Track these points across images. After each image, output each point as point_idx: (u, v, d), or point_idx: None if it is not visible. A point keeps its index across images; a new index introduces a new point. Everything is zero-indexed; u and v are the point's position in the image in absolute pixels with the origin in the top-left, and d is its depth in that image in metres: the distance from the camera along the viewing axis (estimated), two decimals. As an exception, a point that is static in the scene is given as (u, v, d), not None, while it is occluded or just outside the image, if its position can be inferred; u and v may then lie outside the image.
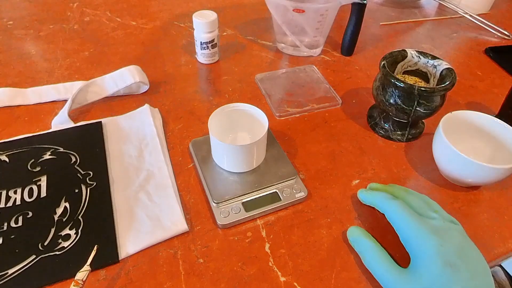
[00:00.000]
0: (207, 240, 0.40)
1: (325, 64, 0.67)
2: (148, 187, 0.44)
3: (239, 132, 0.48)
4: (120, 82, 0.55)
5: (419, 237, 0.34)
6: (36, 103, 0.55)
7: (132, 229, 0.40)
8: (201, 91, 0.60)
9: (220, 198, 0.42)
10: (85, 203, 0.41)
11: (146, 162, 0.47)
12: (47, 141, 0.48)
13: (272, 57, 0.68)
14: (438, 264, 0.32)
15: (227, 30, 0.74)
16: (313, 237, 0.41)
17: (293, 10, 0.60)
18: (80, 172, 0.45)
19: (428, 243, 0.34)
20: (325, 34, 0.67)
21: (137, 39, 0.71)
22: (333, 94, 0.59)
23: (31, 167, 0.45)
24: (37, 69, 0.62)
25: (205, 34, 0.61)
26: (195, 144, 0.48)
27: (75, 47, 0.68)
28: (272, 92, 0.59)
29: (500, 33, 0.77)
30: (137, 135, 0.50)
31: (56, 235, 0.38)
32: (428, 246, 0.33)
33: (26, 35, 0.70)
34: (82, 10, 0.78)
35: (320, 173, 0.48)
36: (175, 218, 0.41)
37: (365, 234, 0.39)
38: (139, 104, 0.55)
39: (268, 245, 0.40)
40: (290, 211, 0.43)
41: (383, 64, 0.49)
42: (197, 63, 0.65)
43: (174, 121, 0.54)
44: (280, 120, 0.55)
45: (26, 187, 0.43)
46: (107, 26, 0.74)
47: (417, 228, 0.35)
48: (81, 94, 0.54)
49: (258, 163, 0.46)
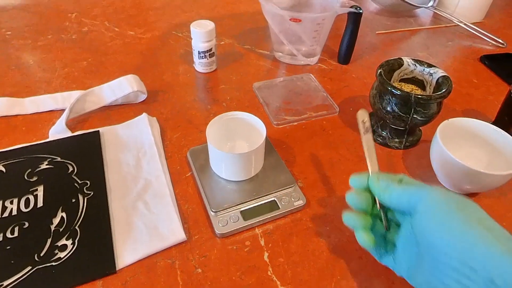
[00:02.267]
0: (205, 250, 0.40)
1: (322, 72, 0.68)
2: (146, 196, 0.44)
3: (237, 140, 0.48)
4: (118, 91, 0.55)
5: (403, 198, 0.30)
6: (34, 113, 0.55)
7: (129, 239, 0.39)
8: (199, 100, 0.60)
9: (218, 206, 0.42)
10: (82, 212, 0.41)
11: (144, 171, 0.47)
12: (44, 151, 0.48)
13: (269, 66, 0.69)
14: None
15: (224, 39, 0.75)
16: (312, 245, 0.41)
17: (290, 19, 0.61)
18: (77, 181, 0.44)
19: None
20: (322, 43, 0.68)
21: (135, 48, 0.71)
22: (330, 102, 0.60)
23: (28, 177, 0.44)
24: (35, 79, 0.62)
25: (203, 43, 0.61)
26: (193, 153, 0.48)
27: (73, 56, 0.68)
28: (270, 101, 0.59)
29: (494, 41, 0.78)
30: (135, 144, 0.50)
31: (52, 245, 0.38)
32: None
33: (24, 45, 0.70)
34: (80, 20, 0.79)
35: (319, 181, 0.48)
36: (173, 227, 0.41)
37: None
38: (137, 113, 0.55)
39: (267, 254, 0.40)
40: (289, 220, 0.43)
41: (380, 72, 0.49)
42: (195, 72, 0.66)
43: (172, 130, 0.54)
44: (278, 128, 0.55)
45: (22, 197, 0.42)
46: (106, 36, 0.74)
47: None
48: (79, 103, 0.54)
49: (256, 172, 0.46)
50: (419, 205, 0.28)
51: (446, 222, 0.26)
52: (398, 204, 0.30)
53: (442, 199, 0.27)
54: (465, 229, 0.25)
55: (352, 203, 0.34)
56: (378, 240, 0.34)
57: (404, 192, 0.30)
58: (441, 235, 0.26)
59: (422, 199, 0.28)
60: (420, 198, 0.28)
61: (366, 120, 0.37)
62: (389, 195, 0.31)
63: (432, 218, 0.27)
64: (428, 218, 0.27)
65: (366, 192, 0.34)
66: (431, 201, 0.28)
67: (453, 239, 0.25)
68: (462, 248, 0.25)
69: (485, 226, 0.25)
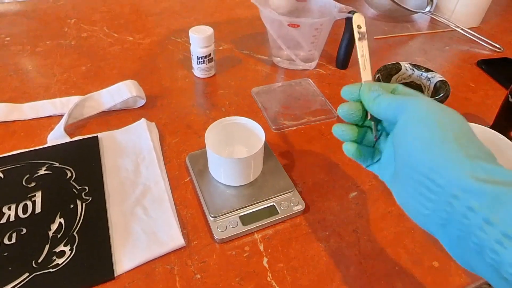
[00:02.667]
0: (204, 255, 0.39)
1: (320, 77, 0.68)
2: (145, 202, 0.44)
3: (236, 145, 0.48)
4: (117, 96, 0.56)
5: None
6: (32, 118, 0.55)
7: (128, 245, 0.39)
8: (198, 105, 0.60)
9: (217, 212, 0.42)
10: (80, 218, 0.41)
11: (143, 177, 0.46)
12: (42, 156, 0.48)
13: (268, 71, 0.69)
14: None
15: (223, 44, 0.75)
16: (312, 251, 0.41)
17: (288, 25, 0.61)
18: (75, 187, 0.44)
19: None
20: (320, 48, 0.68)
21: (134, 54, 0.71)
22: (329, 106, 0.60)
23: (26, 183, 0.44)
24: (33, 85, 0.62)
25: (202, 48, 0.61)
26: (191, 158, 0.48)
27: (72, 62, 0.68)
28: (269, 105, 0.60)
29: (491, 46, 0.78)
30: (133, 149, 0.50)
31: (50, 252, 0.38)
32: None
33: (23, 51, 0.71)
34: (79, 26, 0.79)
35: (317, 186, 0.48)
36: (171, 233, 0.40)
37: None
38: (136, 118, 0.55)
39: (266, 259, 0.39)
40: (288, 225, 0.43)
41: (378, 77, 0.50)
42: (194, 77, 0.66)
43: (171, 135, 0.54)
44: (276, 133, 0.55)
45: (20, 203, 0.42)
46: (105, 41, 0.74)
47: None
48: (77, 108, 0.54)
49: (255, 176, 0.45)
50: (402, 116, 0.27)
51: (421, 137, 0.25)
52: (385, 114, 0.29)
53: (425, 112, 0.26)
54: (438, 144, 0.24)
55: (343, 114, 0.32)
56: (367, 151, 0.33)
57: (392, 103, 0.28)
58: (414, 149, 0.25)
59: (406, 110, 0.27)
60: (404, 109, 0.27)
61: (361, 25, 0.35)
62: (377, 105, 0.29)
63: (409, 130, 0.26)
64: (405, 130, 0.26)
65: (358, 104, 0.32)
66: (413, 113, 0.26)
67: (424, 154, 0.24)
68: (431, 163, 0.24)
69: (460, 144, 0.24)
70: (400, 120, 0.27)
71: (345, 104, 0.32)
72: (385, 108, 0.29)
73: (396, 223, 0.44)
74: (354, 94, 0.32)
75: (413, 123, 0.26)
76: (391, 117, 0.28)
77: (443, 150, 0.24)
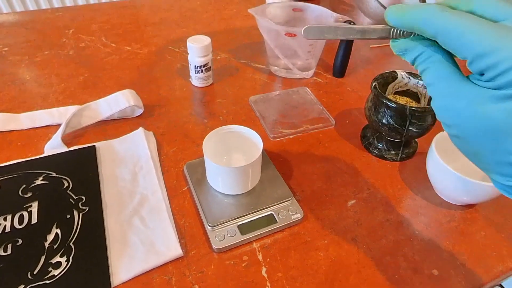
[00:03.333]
0: (202, 265, 0.39)
1: (317, 86, 0.68)
2: (142, 211, 0.43)
3: (234, 154, 0.48)
4: (115, 106, 0.56)
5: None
6: (29, 128, 0.55)
7: (125, 255, 0.39)
8: (196, 114, 0.60)
9: (215, 221, 0.41)
10: (77, 229, 0.41)
11: (140, 186, 0.46)
12: (39, 166, 0.47)
13: (265, 80, 0.69)
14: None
15: (220, 54, 0.76)
16: (311, 259, 0.40)
17: (285, 34, 0.62)
18: (72, 197, 0.44)
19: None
20: (317, 57, 0.69)
21: (132, 63, 0.71)
22: (326, 115, 0.60)
23: (22, 193, 0.44)
24: (31, 94, 0.62)
25: (199, 58, 0.62)
26: (189, 167, 0.48)
27: (70, 72, 0.68)
28: (266, 114, 0.60)
29: (486, 54, 0.79)
30: (131, 159, 0.50)
31: (46, 263, 0.37)
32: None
33: (21, 61, 0.71)
34: (77, 36, 0.79)
35: (316, 194, 0.47)
36: (169, 242, 0.40)
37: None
38: (134, 128, 0.55)
39: (265, 269, 0.39)
40: (287, 233, 0.43)
41: (375, 85, 0.50)
42: (192, 86, 0.66)
43: (169, 144, 0.54)
44: (274, 141, 0.55)
45: (16, 214, 0.42)
46: (102, 51, 0.75)
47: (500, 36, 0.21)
48: (75, 118, 0.54)
49: (253, 185, 0.45)
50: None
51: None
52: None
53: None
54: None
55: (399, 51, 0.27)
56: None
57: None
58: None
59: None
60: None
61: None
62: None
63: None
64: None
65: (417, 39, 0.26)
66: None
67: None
68: None
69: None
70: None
71: (402, 40, 0.26)
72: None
73: (395, 231, 0.43)
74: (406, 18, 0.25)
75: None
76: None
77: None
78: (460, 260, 0.41)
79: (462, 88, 0.23)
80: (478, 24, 0.22)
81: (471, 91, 0.23)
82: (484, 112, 0.22)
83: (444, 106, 0.24)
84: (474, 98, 0.22)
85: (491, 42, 0.21)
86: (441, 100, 0.24)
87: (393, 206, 0.46)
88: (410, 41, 0.26)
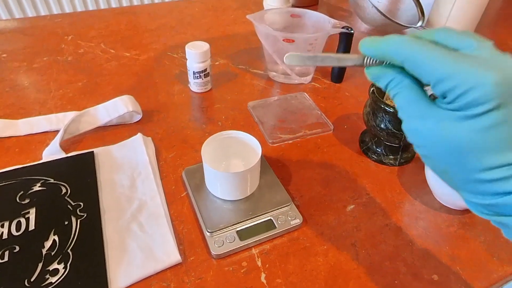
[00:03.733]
0: (201, 272, 0.39)
1: (316, 91, 0.68)
2: (140, 217, 0.43)
3: (233, 159, 0.48)
4: (113, 111, 0.56)
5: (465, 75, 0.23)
6: (27, 134, 0.55)
7: (123, 262, 0.38)
8: (194, 119, 0.60)
9: (214, 227, 0.41)
10: (74, 235, 0.40)
11: (139, 192, 0.46)
12: (37, 172, 0.47)
13: (263, 85, 0.69)
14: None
15: (219, 59, 0.76)
16: (310, 265, 0.40)
17: (283, 40, 0.62)
18: (70, 203, 0.44)
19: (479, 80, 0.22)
20: (315, 62, 0.69)
21: (131, 69, 0.72)
22: (324, 120, 0.60)
23: (20, 199, 0.44)
24: (29, 100, 0.62)
25: (198, 63, 0.62)
26: (188, 173, 0.48)
27: (68, 78, 0.68)
28: (265, 119, 0.60)
29: (482, 59, 0.80)
30: (129, 165, 0.50)
31: (43, 270, 0.37)
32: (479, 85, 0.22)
33: (20, 67, 0.71)
34: (76, 42, 0.80)
35: (315, 199, 0.47)
36: (168, 249, 0.40)
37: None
38: (132, 133, 0.55)
39: (264, 275, 0.39)
40: (286, 239, 0.43)
41: (372, 90, 0.50)
42: (190, 92, 0.66)
43: (167, 150, 0.54)
44: (273, 146, 0.55)
45: (14, 220, 0.41)
46: (101, 57, 0.75)
47: (458, 64, 0.23)
48: (73, 124, 0.54)
49: (252, 190, 0.45)
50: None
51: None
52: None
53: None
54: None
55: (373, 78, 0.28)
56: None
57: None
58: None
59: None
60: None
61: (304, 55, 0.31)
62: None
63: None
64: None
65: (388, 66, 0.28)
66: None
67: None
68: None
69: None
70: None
71: (374, 68, 0.28)
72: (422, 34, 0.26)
73: (394, 236, 0.43)
74: (388, 46, 0.26)
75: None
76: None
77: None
78: (459, 265, 0.41)
79: (428, 111, 0.25)
80: (438, 52, 0.24)
81: (436, 113, 0.25)
82: (448, 133, 0.24)
83: (414, 127, 0.26)
84: (439, 119, 0.24)
85: (448, 68, 0.23)
86: (411, 122, 0.26)
87: (392, 211, 0.46)
88: (383, 69, 0.28)
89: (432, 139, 0.25)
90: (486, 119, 0.22)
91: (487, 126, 0.22)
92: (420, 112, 0.25)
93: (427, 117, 0.25)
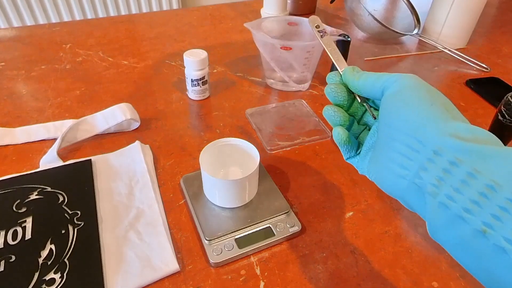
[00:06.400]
0: (199, 280, 0.38)
1: (313, 98, 0.69)
2: (138, 226, 0.43)
3: (231, 166, 0.48)
4: (111, 119, 0.56)
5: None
6: (25, 142, 0.55)
7: (120, 271, 0.38)
8: (192, 127, 0.60)
9: (213, 235, 0.41)
10: (71, 244, 0.40)
11: (136, 200, 0.46)
12: (34, 181, 0.47)
13: (261, 93, 0.70)
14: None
15: (217, 67, 0.76)
16: (309, 273, 0.40)
17: (280, 47, 0.62)
18: (67, 212, 0.43)
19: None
20: (313, 69, 0.69)
21: (129, 77, 0.72)
22: (322, 127, 0.60)
23: (17, 208, 0.43)
24: (27, 109, 0.62)
25: (196, 71, 0.62)
26: (186, 180, 0.48)
27: (66, 86, 0.68)
28: (263, 127, 0.60)
29: (478, 66, 0.80)
30: (127, 172, 0.50)
31: (40, 280, 0.36)
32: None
33: (18, 76, 0.71)
34: (74, 50, 0.80)
35: (313, 206, 0.47)
36: (165, 257, 0.39)
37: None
38: (130, 141, 0.55)
39: (263, 283, 0.39)
40: (285, 247, 0.42)
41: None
42: (188, 99, 0.66)
43: (165, 157, 0.53)
44: (271, 153, 0.55)
45: (10, 229, 0.41)
46: (99, 65, 0.75)
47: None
48: (71, 132, 0.54)
49: (250, 198, 0.45)
50: (392, 86, 0.28)
51: (411, 101, 0.26)
52: (373, 88, 0.29)
53: (414, 83, 0.27)
54: (426, 108, 0.25)
55: (331, 95, 0.33)
56: (353, 141, 0.33)
57: (380, 78, 0.29)
58: (401, 111, 0.26)
59: (396, 81, 0.28)
60: (394, 81, 0.28)
61: (319, 24, 0.36)
62: (364, 80, 0.30)
63: (400, 95, 0.27)
64: (396, 96, 0.27)
65: (343, 85, 0.33)
66: (404, 82, 0.27)
67: (411, 115, 0.25)
68: (415, 123, 0.25)
69: (447, 109, 0.25)
70: (389, 90, 0.28)
71: (331, 84, 0.33)
72: (371, 83, 0.29)
73: (393, 243, 0.43)
74: (338, 77, 0.33)
75: (404, 90, 0.27)
76: (378, 92, 0.29)
77: (431, 112, 0.25)
78: (459, 272, 0.40)
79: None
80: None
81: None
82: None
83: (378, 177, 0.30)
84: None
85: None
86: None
87: (391, 217, 0.46)
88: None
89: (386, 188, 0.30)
90: None
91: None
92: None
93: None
